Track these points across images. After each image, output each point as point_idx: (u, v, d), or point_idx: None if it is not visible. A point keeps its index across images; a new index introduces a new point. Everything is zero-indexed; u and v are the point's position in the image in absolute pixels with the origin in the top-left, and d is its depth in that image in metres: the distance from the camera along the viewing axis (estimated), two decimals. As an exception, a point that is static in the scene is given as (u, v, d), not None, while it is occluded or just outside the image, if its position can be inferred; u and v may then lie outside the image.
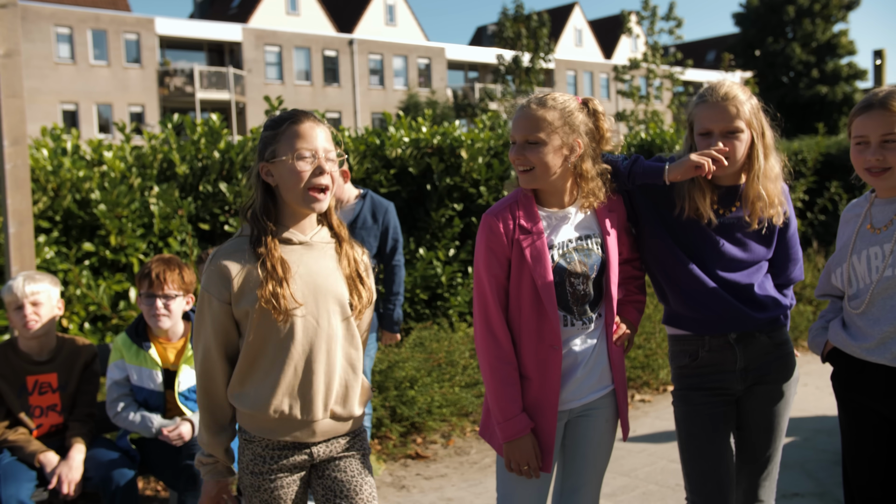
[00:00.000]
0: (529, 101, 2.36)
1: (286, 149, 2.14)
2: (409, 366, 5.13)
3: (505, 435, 2.33)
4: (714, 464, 2.50)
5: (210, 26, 36.98)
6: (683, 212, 2.45)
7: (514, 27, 25.71)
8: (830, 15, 40.16)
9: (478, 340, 2.38)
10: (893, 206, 2.39)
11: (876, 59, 8.75)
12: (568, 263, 2.36)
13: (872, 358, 2.35)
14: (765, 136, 2.45)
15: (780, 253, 2.59)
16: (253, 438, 2.21)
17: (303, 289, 2.16)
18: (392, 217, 4.10)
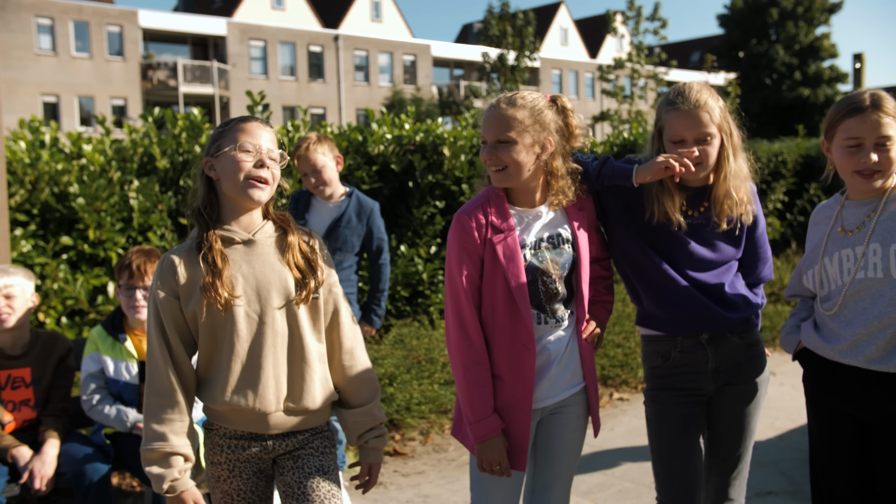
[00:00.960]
0: (499, 100, 2.37)
1: (229, 142, 2.19)
2: (389, 363, 5.13)
3: (476, 435, 2.33)
4: (683, 464, 2.52)
5: (194, 20, 36.76)
6: (653, 217, 2.47)
7: (499, 25, 25.73)
8: (813, 18, 40.45)
9: (450, 340, 2.38)
10: (864, 209, 2.40)
11: (856, 63, 8.84)
12: (540, 262, 2.37)
13: (845, 360, 2.37)
14: (733, 137, 2.47)
15: (750, 252, 2.62)
16: (212, 426, 2.25)
17: (244, 286, 2.17)
18: (377, 218, 4.11)
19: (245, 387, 2.17)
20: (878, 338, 2.30)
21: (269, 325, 2.19)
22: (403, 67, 42.30)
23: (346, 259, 4.04)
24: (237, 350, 2.16)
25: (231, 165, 2.17)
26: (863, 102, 2.32)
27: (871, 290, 2.33)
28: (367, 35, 41.46)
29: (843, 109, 2.37)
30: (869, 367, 2.32)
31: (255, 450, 2.24)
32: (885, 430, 2.34)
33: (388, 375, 5.08)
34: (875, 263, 2.32)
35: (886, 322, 2.29)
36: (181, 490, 2.13)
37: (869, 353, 2.31)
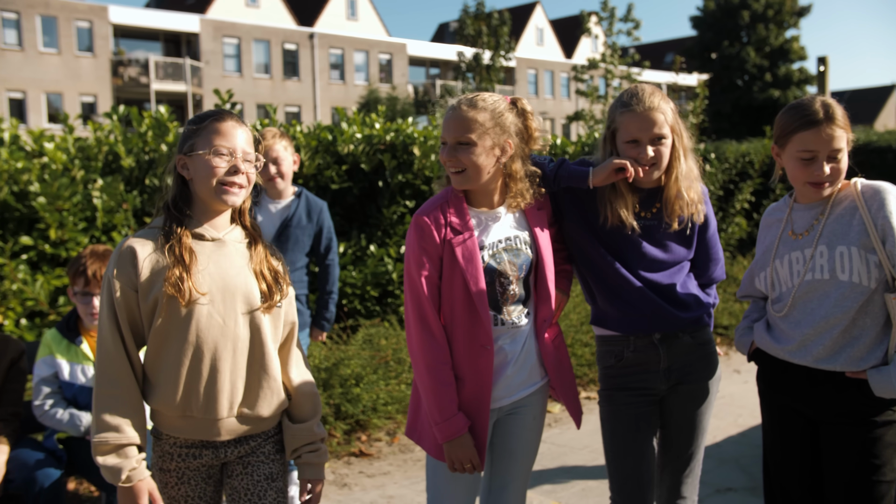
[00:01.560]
0: (460, 101, 2.36)
1: (204, 143, 2.14)
2: (355, 363, 5.11)
3: (444, 435, 2.33)
4: (636, 463, 2.54)
5: (166, 16, 36.40)
6: (607, 220, 2.49)
7: (474, 25, 25.76)
8: (783, 21, 40.93)
9: (412, 340, 2.38)
10: (813, 212, 2.44)
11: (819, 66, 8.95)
12: (498, 264, 2.38)
13: (795, 360, 2.41)
14: (683, 139, 2.51)
15: (701, 253, 2.65)
16: (161, 435, 2.19)
17: (210, 285, 2.12)
18: (326, 217, 4.10)
19: (199, 390, 2.13)
20: (824, 338, 2.34)
21: (231, 329, 2.15)
22: (379, 66, 42.19)
23: (299, 260, 4.04)
24: (195, 351, 2.11)
25: (205, 170, 2.13)
26: (816, 115, 2.33)
27: (819, 292, 2.37)
28: (343, 33, 41.30)
29: (796, 121, 2.37)
30: (817, 366, 2.36)
31: (206, 458, 2.20)
32: (832, 429, 2.38)
33: (355, 376, 5.06)
34: (822, 265, 2.36)
35: (832, 322, 2.33)
36: (138, 479, 2.08)
37: (816, 352, 2.35)
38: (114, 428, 2.06)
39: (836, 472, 2.37)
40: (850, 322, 2.32)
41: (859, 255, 2.30)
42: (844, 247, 2.32)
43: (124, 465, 2.06)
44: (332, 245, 4.15)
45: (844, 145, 2.35)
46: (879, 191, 2.34)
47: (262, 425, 2.26)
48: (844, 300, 2.32)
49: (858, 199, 2.35)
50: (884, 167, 10.69)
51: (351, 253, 6.64)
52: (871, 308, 2.32)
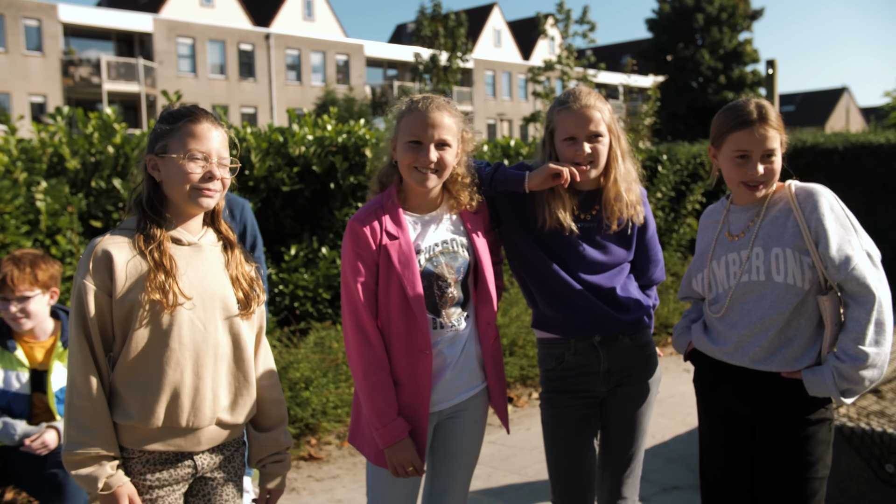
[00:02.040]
0: (448, 102, 2.39)
1: (177, 146, 2.06)
2: (305, 366, 5.07)
3: (384, 440, 2.32)
4: (576, 465, 2.56)
5: (119, 15, 35.76)
6: (545, 223, 2.50)
7: (431, 26, 25.79)
8: (736, 24, 41.63)
9: (349, 346, 2.36)
10: (748, 214, 2.48)
11: (768, 69, 9.13)
12: (435, 267, 2.38)
13: (732, 360, 2.44)
14: (621, 140, 2.54)
15: (641, 255, 2.68)
16: (132, 455, 2.06)
17: (190, 290, 2.06)
18: (249, 214, 4.08)
19: (183, 398, 2.04)
20: (760, 339, 2.37)
21: (212, 335, 2.10)
22: (336, 67, 41.98)
23: None
24: (178, 358, 2.03)
25: (178, 175, 2.05)
26: (750, 115, 2.37)
27: (755, 293, 2.40)
28: (299, 34, 41.01)
29: (730, 121, 2.41)
30: (753, 367, 2.39)
31: (182, 470, 2.11)
32: (767, 428, 2.42)
33: (305, 379, 5.03)
34: (758, 267, 2.39)
35: (768, 323, 2.37)
36: (118, 485, 1.99)
37: (753, 353, 2.38)
38: (84, 440, 1.99)
39: (771, 470, 2.41)
40: (785, 323, 2.35)
41: (794, 257, 2.34)
42: (780, 248, 2.36)
43: (99, 473, 1.98)
44: (257, 243, 4.14)
45: (778, 146, 2.39)
46: (812, 193, 2.38)
47: (236, 432, 2.22)
48: (780, 301, 2.35)
49: (793, 201, 2.39)
50: (830, 168, 10.92)
51: (303, 255, 6.59)
52: (805, 309, 2.36)
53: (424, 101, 2.37)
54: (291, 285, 6.39)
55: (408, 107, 2.39)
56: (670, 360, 7.00)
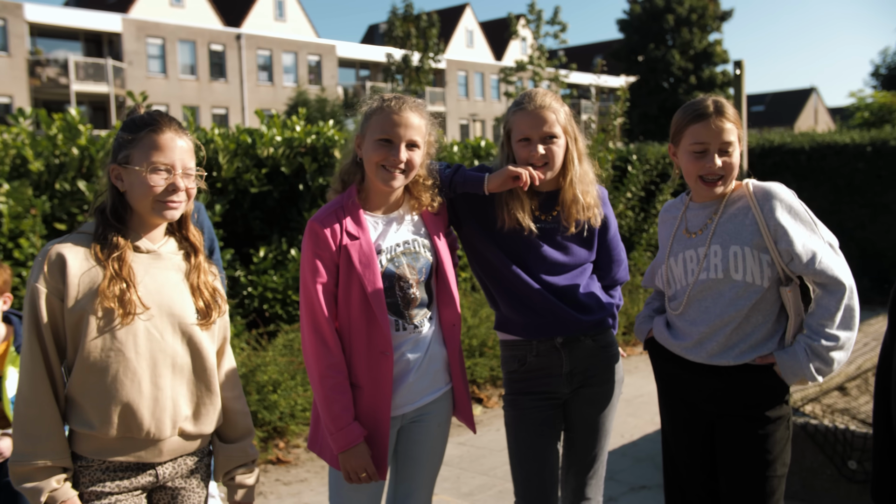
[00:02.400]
0: (420, 103, 2.39)
1: (140, 157, 2.00)
2: (273, 369, 5.03)
3: (339, 445, 2.29)
4: (539, 467, 2.56)
5: (87, 15, 35.28)
6: (505, 224, 2.50)
7: (403, 27, 25.74)
8: (706, 25, 42.01)
9: (306, 349, 2.34)
10: (706, 211, 2.49)
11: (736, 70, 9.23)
12: (397, 268, 2.36)
13: (690, 356, 2.45)
14: (578, 142, 2.54)
15: (603, 255, 2.68)
16: (91, 463, 2.00)
17: (147, 299, 2.01)
18: (205, 217, 4.07)
19: (141, 409, 1.99)
20: (718, 335, 2.39)
21: (169, 345, 2.04)
22: (308, 68, 41.77)
23: None
24: (135, 368, 1.98)
25: (141, 187, 2.01)
26: (706, 109, 2.40)
27: (713, 291, 2.41)
28: (271, 34, 40.74)
29: (688, 115, 2.43)
30: (710, 362, 2.40)
31: (143, 479, 2.05)
32: (727, 425, 2.43)
33: (273, 382, 4.99)
34: (716, 265, 2.41)
35: (727, 320, 2.38)
36: (63, 499, 1.93)
37: (711, 349, 2.40)
38: (31, 450, 1.93)
39: (730, 469, 2.43)
40: (743, 319, 2.37)
41: (752, 255, 2.35)
42: (738, 246, 2.37)
43: (44, 486, 1.92)
44: (214, 246, 4.11)
45: (735, 140, 2.40)
46: (770, 192, 2.40)
47: (202, 442, 2.17)
48: (738, 299, 2.37)
49: (751, 199, 2.41)
50: (797, 168, 11.06)
51: (272, 257, 6.55)
52: (763, 305, 2.38)
53: (397, 101, 2.36)
54: (260, 287, 6.34)
55: (379, 105, 2.37)
56: (640, 359, 7.04)
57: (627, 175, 9.61)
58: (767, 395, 2.40)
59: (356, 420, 2.32)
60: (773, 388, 2.41)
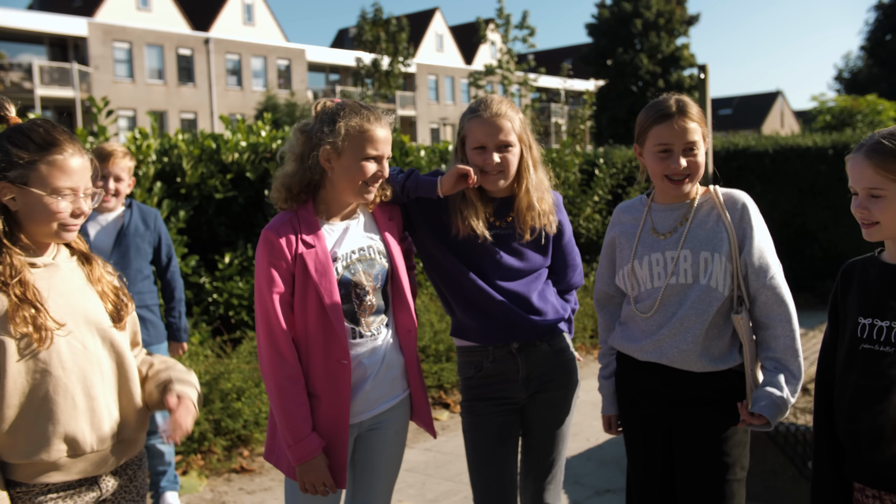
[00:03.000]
0: (385, 112, 2.37)
1: (40, 181, 1.88)
2: (237, 377, 4.98)
3: (297, 457, 2.27)
4: (498, 473, 2.55)
5: (51, 19, 34.79)
6: (459, 231, 2.49)
7: (372, 31, 25.73)
8: (673, 29, 42.44)
9: (262, 360, 2.31)
10: (676, 213, 2.47)
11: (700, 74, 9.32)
12: (353, 275, 2.35)
13: (651, 359, 2.44)
14: (532, 150, 2.54)
15: (558, 260, 2.69)
16: (32, 488, 1.91)
17: (59, 315, 1.93)
18: (162, 224, 4.06)
19: (80, 423, 1.93)
20: (679, 340, 2.38)
21: (93, 353, 1.98)
22: (278, 72, 41.55)
23: (145, 268, 3.97)
24: (65, 384, 1.90)
25: (43, 213, 1.90)
26: (669, 109, 2.39)
27: (679, 295, 2.41)
28: (240, 38, 40.47)
29: (651, 116, 2.43)
30: (672, 365, 2.40)
31: (88, 495, 2.00)
32: (684, 431, 2.43)
33: (237, 390, 4.93)
34: (686, 270, 2.40)
35: (688, 324, 2.38)
36: None
37: (671, 355, 2.39)
38: None
39: (689, 472, 2.43)
40: (707, 325, 2.37)
41: (720, 262, 2.36)
42: (708, 252, 2.38)
43: None
44: (171, 253, 4.09)
45: (699, 139, 2.40)
46: (739, 200, 2.43)
47: (137, 446, 2.14)
48: (700, 303, 2.37)
49: (721, 207, 2.42)
50: (762, 171, 11.19)
51: (237, 263, 6.49)
52: (719, 319, 2.39)
53: (374, 114, 2.33)
54: (226, 294, 6.28)
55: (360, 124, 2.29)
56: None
57: (594, 178, 9.67)
58: (725, 398, 2.41)
59: (314, 431, 2.29)
60: (730, 390, 2.42)
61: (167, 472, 4.07)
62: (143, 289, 3.93)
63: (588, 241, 9.19)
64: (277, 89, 39.88)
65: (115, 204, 3.90)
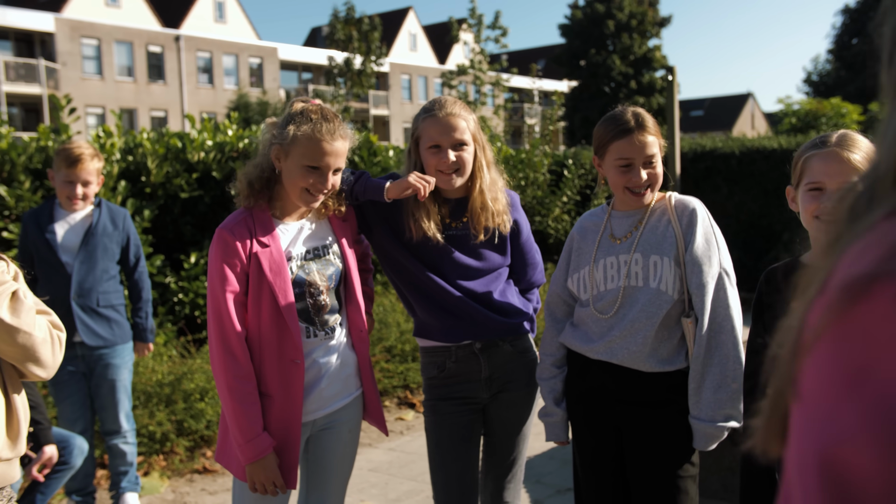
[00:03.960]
0: (345, 127, 2.35)
1: None
2: (200, 377, 4.95)
3: (247, 456, 2.26)
4: (459, 472, 2.57)
5: (17, 14, 34.25)
6: (412, 234, 2.50)
7: (345, 30, 25.63)
8: (646, 30, 42.79)
9: (214, 359, 2.30)
10: (632, 219, 2.53)
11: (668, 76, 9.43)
12: (307, 274, 2.36)
13: (601, 357, 2.47)
14: (486, 151, 2.56)
15: (517, 259, 2.71)
16: None
17: None
18: (131, 225, 4.04)
19: None
20: (629, 342, 2.42)
21: None
22: (250, 70, 41.28)
23: (111, 268, 3.94)
24: None
25: None
26: (628, 124, 2.42)
27: (630, 298, 2.45)
28: (211, 36, 40.15)
29: (611, 131, 2.45)
30: (622, 364, 2.43)
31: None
32: (634, 430, 2.47)
33: (200, 390, 4.91)
34: (637, 273, 2.45)
35: (639, 326, 2.41)
36: None
37: (621, 356, 2.43)
38: None
39: (640, 470, 2.45)
40: (657, 327, 2.40)
41: (669, 266, 2.41)
42: (658, 256, 2.42)
43: None
44: (140, 254, 4.07)
45: (657, 150, 2.46)
46: (688, 206, 2.47)
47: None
48: (650, 306, 2.41)
49: (672, 213, 2.47)
50: (728, 172, 11.33)
51: (203, 263, 6.44)
52: (668, 321, 2.43)
53: (328, 127, 2.29)
54: (192, 293, 6.24)
55: (310, 130, 2.27)
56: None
57: (563, 179, 9.72)
58: (675, 397, 2.44)
59: (265, 431, 2.29)
60: (679, 388, 2.45)
61: (129, 472, 4.04)
62: (109, 288, 3.92)
63: (557, 242, 9.25)
64: (249, 88, 39.64)
65: (84, 204, 3.87)
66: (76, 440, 3.49)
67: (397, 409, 5.90)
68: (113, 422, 3.97)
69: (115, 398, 3.94)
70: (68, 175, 3.75)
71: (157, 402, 4.80)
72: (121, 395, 3.96)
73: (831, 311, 0.53)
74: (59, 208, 3.85)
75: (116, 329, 3.92)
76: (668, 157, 6.27)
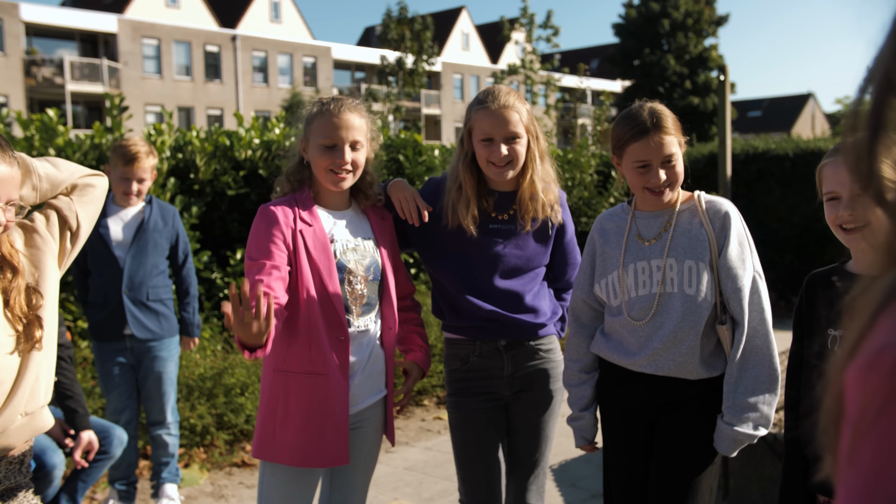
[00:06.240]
0: (356, 103, 2.39)
1: None
2: (240, 371, 5.04)
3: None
4: (488, 468, 2.56)
5: (82, 15, 35.30)
6: (448, 224, 2.50)
7: (397, 29, 25.78)
8: (702, 30, 42.08)
9: None
10: (659, 220, 2.44)
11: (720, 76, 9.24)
12: (347, 262, 2.37)
13: (645, 370, 2.39)
14: (539, 141, 2.52)
15: (559, 258, 2.68)
16: None
17: None
18: (180, 223, 4.14)
19: None
20: (674, 353, 2.34)
21: None
22: (304, 69, 41.79)
23: (161, 263, 4.04)
24: None
25: None
26: (645, 124, 2.33)
27: (666, 305, 2.37)
28: (266, 36, 40.77)
29: (627, 132, 2.37)
30: (667, 374, 2.36)
31: None
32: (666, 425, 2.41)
33: (241, 385, 4.99)
34: (672, 279, 2.36)
35: (681, 337, 2.33)
36: None
37: (667, 367, 2.35)
38: None
39: (664, 462, 2.39)
40: (699, 336, 2.32)
41: (704, 272, 2.33)
42: (693, 262, 2.34)
43: None
44: (188, 250, 4.17)
45: (677, 149, 2.36)
46: (722, 208, 2.38)
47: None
48: (690, 315, 2.32)
49: (703, 215, 2.39)
50: (781, 174, 11.06)
51: (248, 260, 6.55)
52: (713, 320, 2.37)
53: (336, 104, 2.37)
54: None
55: (319, 109, 2.38)
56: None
57: (610, 180, 9.62)
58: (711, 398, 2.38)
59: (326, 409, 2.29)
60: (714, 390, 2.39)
61: (170, 463, 4.13)
62: (158, 283, 4.01)
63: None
64: (303, 87, 40.12)
65: (137, 200, 3.97)
66: (116, 430, 3.58)
67: (436, 409, 5.91)
68: (158, 413, 4.06)
69: (162, 390, 4.03)
70: (124, 172, 3.84)
71: (199, 395, 4.89)
72: (167, 388, 4.05)
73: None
74: (113, 204, 3.94)
75: (164, 323, 4.01)
76: (719, 158, 6.17)
